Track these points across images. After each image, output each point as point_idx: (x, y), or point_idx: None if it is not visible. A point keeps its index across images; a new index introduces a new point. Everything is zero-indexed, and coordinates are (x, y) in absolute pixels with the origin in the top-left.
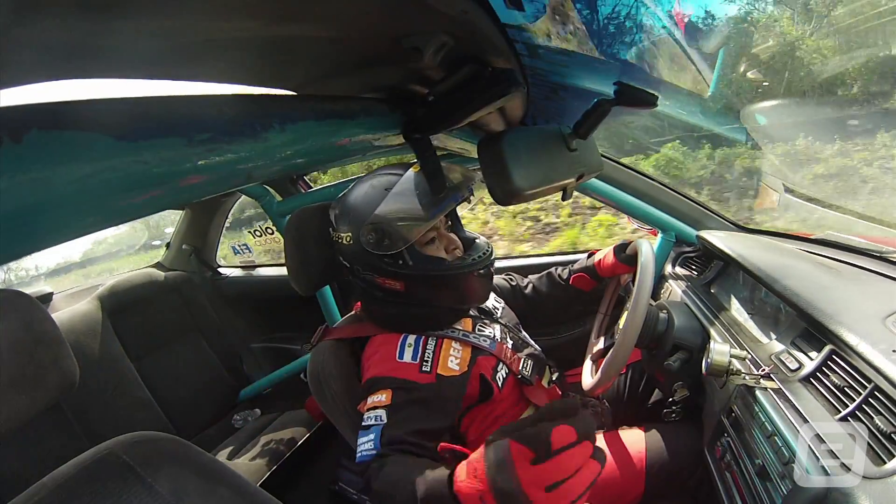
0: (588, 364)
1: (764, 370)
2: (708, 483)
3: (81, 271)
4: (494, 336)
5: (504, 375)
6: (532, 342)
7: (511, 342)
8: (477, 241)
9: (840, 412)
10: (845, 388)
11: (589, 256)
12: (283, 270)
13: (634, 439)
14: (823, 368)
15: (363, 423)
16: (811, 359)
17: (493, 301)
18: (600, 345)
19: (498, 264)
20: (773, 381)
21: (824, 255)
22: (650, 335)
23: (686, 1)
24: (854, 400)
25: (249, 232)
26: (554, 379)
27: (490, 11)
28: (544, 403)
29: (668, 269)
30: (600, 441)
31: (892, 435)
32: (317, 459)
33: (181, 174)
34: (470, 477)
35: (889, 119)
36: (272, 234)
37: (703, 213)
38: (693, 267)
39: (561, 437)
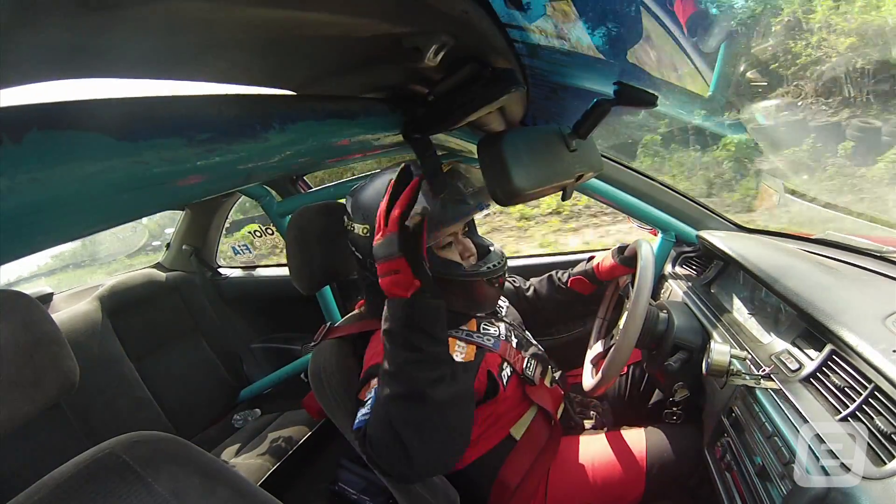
0: (588, 367)
1: (764, 370)
2: (708, 483)
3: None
4: (499, 335)
5: (508, 374)
6: (535, 342)
7: (515, 340)
8: (492, 248)
9: (840, 412)
10: (845, 389)
11: (589, 260)
12: (284, 270)
13: (635, 439)
14: (824, 369)
15: (364, 400)
16: (811, 359)
17: None
18: (600, 348)
19: None
20: (774, 381)
21: (824, 255)
22: (650, 335)
23: None
24: (854, 400)
25: (250, 232)
26: (556, 378)
27: (490, 11)
28: (547, 404)
29: (668, 269)
30: (602, 440)
31: (892, 435)
32: (317, 459)
33: (181, 174)
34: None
35: None
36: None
37: (703, 213)
38: (693, 267)
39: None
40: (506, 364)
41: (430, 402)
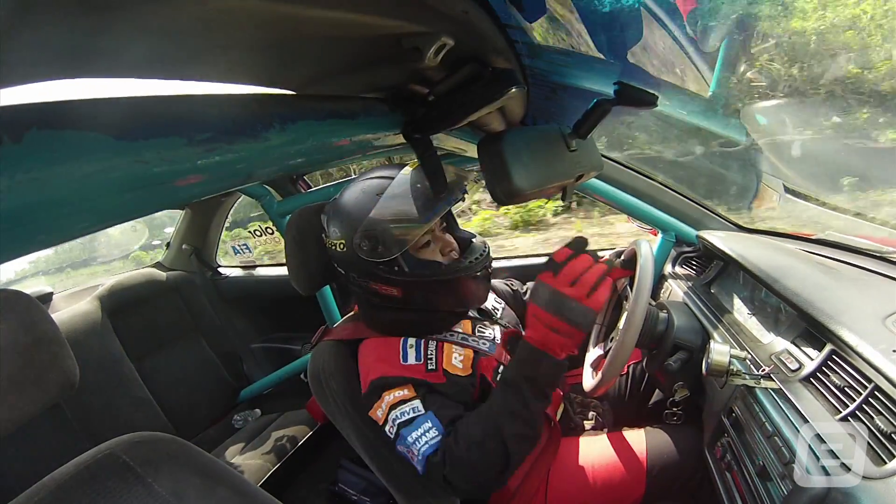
0: (588, 369)
1: (764, 370)
2: (708, 483)
3: None
4: (494, 338)
5: None
6: None
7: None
8: (473, 241)
9: (840, 412)
10: (845, 388)
11: None
12: (283, 270)
13: (635, 440)
14: (823, 368)
15: (402, 419)
16: (811, 359)
17: (493, 302)
18: (599, 351)
19: (497, 265)
20: (774, 381)
21: (824, 255)
22: (650, 335)
23: None
24: (854, 400)
25: (249, 232)
26: None
27: (490, 11)
28: None
29: (668, 269)
30: (602, 441)
31: (892, 435)
32: (317, 460)
33: (181, 174)
34: (528, 325)
35: None
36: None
37: (703, 213)
38: (693, 267)
39: (560, 255)
40: (501, 367)
41: (537, 437)
